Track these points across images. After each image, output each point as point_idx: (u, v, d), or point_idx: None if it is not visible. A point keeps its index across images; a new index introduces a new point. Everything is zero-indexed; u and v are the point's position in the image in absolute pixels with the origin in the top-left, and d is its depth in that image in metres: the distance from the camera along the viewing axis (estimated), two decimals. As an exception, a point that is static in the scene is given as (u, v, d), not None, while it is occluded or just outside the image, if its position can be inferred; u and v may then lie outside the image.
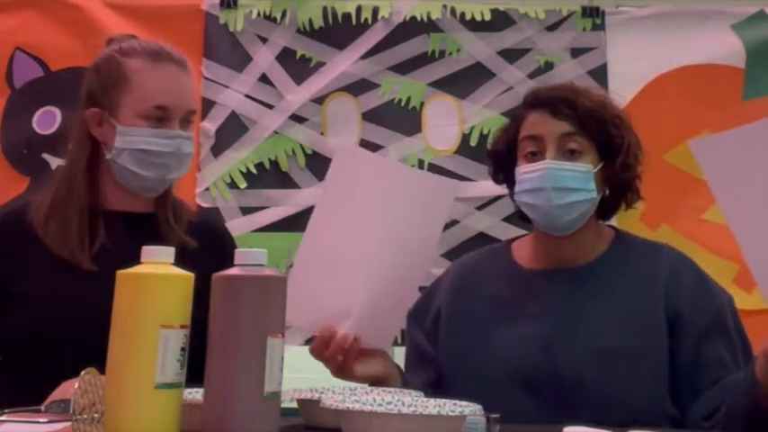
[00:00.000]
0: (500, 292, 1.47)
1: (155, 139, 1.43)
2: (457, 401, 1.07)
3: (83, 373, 0.93)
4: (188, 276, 0.98)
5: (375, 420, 0.98)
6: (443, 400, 1.08)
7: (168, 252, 0.97)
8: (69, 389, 0.95)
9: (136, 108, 1.44)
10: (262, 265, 0.97)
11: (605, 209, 1.51)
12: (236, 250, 0.98)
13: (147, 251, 0.97)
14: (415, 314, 1.55)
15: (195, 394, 1.02)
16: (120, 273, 0.96)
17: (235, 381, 0.93)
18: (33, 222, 1.46)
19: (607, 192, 1.48)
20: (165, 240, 1.43)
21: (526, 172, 1.42)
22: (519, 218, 1.55)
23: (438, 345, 1.49)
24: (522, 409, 1.34)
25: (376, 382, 1.40)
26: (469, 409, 1.03)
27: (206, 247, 1.48)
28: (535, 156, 1.42)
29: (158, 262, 0.96)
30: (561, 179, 1.39)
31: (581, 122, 1.41)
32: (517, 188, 1.45)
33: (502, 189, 1.63)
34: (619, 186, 1.47)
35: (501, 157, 1.52)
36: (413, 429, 0.98)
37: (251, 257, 0.97)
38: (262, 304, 0.95)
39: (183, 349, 0.95)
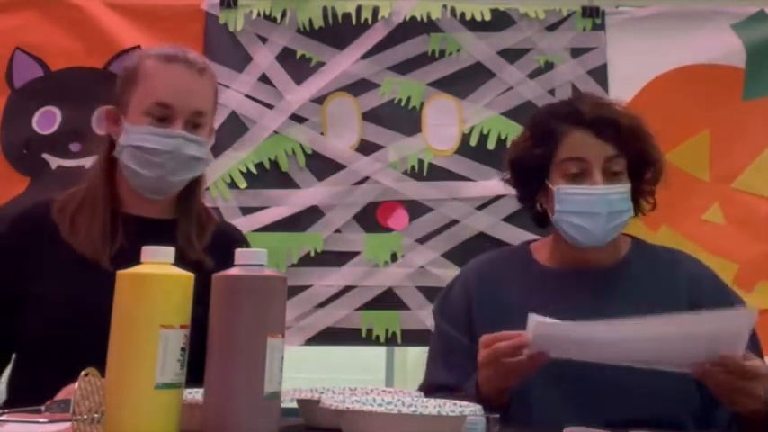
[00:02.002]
0: (525, 289, 1.48)
1: (153, 136, 1.43)
2: (457, 402, 1.08)
3: (82, 373, 0.93)
4: (188, 276, 0.98)
5: (375, 420, 0.98)
6: (443, 400, 1.08)
7: (168, 252, 0.97)
8: (72, 390, 0.95)
9: (141, 105, 1.44)
10: (262, 265, 0.97)
11: None
12: (237, 250, 0.98)
13: (147, 251, 0.97)
14: (442, 310, 1.56)
15: (195, 394, 1.02)
16: (120, 273, 0.96)
17: (235, 381, 0.93)
18: (56, 220, 1.46)
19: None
20: (180, 254, 1.41)
21: (575, 194, 1.43)
22: (537, 224, 1.56)
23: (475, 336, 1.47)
24: (546, 403, 1.36)
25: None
26: (469, 409, 1.03)
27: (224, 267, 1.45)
28: (578, 177, 1.43)
29: (158, 262, 0.96)
30: (613, 203, 1.43)
31: (623, 144, 1.43)
32: (561, 207, 1.45)
33: (502, 189, 1.64)
34: (641, 198, 1.49)
35: (530, 170, 1.51)
36: (413, 429, 0.98)
37: (251, 257, 0.97)
38: (262, 304, 0.95)
39: (183, 349, 0.95)
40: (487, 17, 2.41)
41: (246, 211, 2.33)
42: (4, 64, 2.37)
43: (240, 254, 0.98)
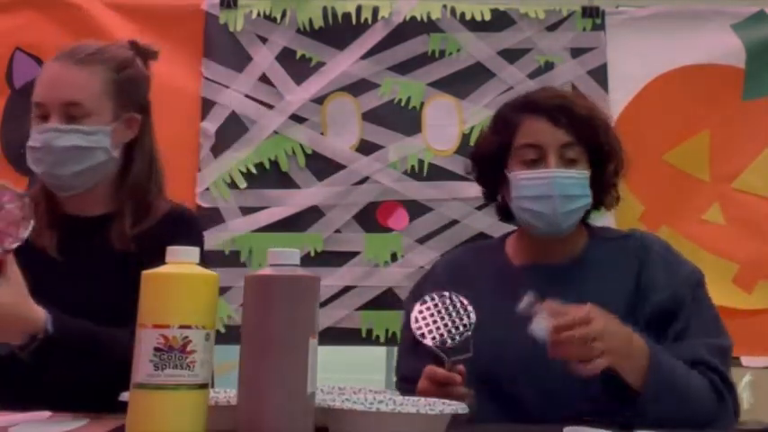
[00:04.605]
0: (488, 287, 1.49)
1: (34, 134, 1.46)
2: (446, 401, 1.08)
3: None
4: (213, 276, 0.97)
5: (358, 419, 0.98)
6: (432, 399, 1.09)
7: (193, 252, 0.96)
8: None
9: (32, 109, 1.48)
10: (296, 266, 0.96)
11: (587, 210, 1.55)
12: (269, 250, 0.97)
13: (172, 251, 0.96)
14: (416, 297, 1.56)
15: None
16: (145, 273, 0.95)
17: (279, 382, 0.91)
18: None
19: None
20: (109, 248, 1.45)
21: (529, 179, 1.45)
22: (502, 218, 1.58)
23: None
24: (493, 405, 1.36)
25: None
26: (451, 408, 1.03)
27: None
28: (535, 163, 1.44)
29: (183, 262, 0.96)
30: (567, 187, 1.44)
31: (578, 131, 1.45)
32: (516, 193, 1.47)
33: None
34: (602, 190, 1.50)
35: (490, 161, 1.54)
36: (396, 428, 0.98)
37: (285, 257, 0.96)
38: (304, 305, 0.95)
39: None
40: (487, 17, 2.41)
41: (246, 211, 2.34)
42: (4, 64, 2.37)
43: (274, 254, 0.96)
